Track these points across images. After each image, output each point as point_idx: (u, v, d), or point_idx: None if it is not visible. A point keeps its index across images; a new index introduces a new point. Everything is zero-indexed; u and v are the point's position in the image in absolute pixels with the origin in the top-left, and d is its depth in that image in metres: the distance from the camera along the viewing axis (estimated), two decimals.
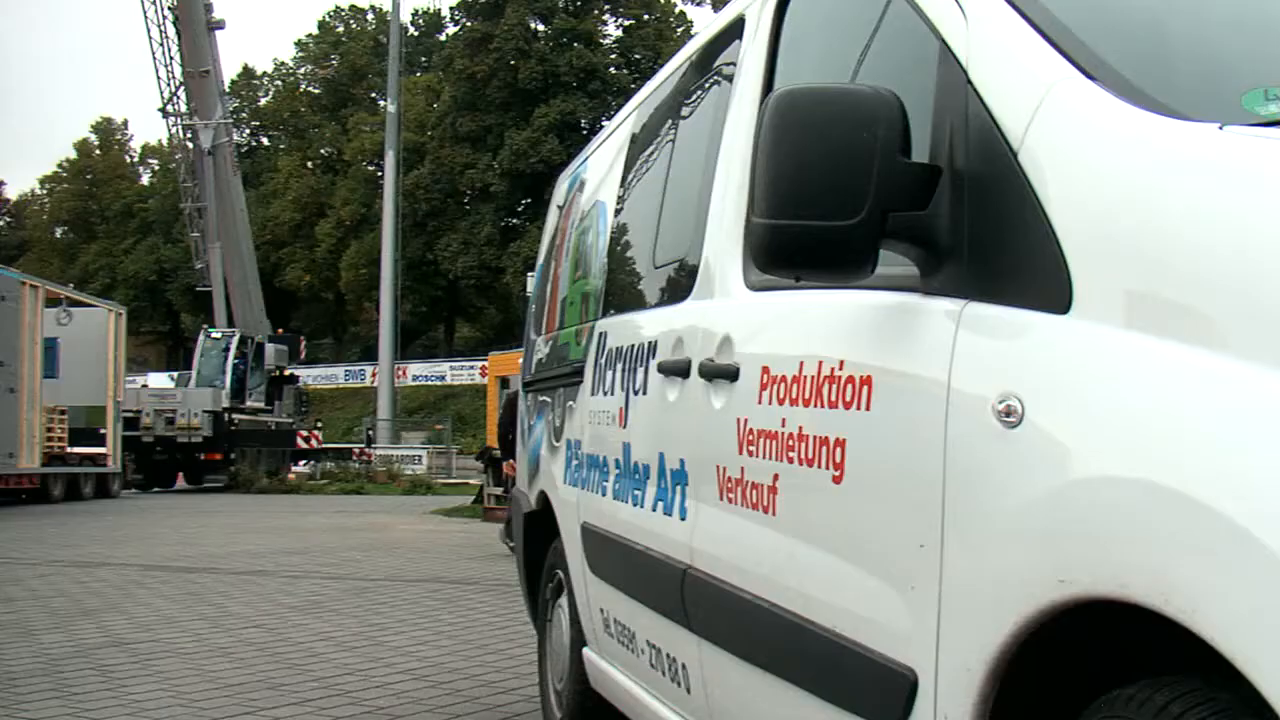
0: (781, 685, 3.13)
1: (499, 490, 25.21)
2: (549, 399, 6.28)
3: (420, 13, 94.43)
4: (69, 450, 33.57)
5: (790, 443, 3.07)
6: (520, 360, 24.17)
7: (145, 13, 49.66)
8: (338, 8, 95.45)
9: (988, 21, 2.67)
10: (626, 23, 80.00)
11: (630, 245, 5.25)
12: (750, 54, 3.94)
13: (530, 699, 7.27)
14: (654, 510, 4.20)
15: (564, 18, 75.79)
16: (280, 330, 53.32)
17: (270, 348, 46.68)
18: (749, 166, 3.62)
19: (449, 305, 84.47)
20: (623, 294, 5.19)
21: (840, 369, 2.87)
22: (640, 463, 4.43)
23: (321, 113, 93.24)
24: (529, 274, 44.81)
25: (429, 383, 74.05)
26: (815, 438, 2.96)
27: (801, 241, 2.62)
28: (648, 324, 4.51)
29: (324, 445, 49.25)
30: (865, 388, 2.76)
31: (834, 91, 2.67)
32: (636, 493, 4.44)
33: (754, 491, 3.30)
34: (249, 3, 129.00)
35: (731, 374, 3.49)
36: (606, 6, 79.61)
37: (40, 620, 10.60)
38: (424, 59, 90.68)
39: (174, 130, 52.58)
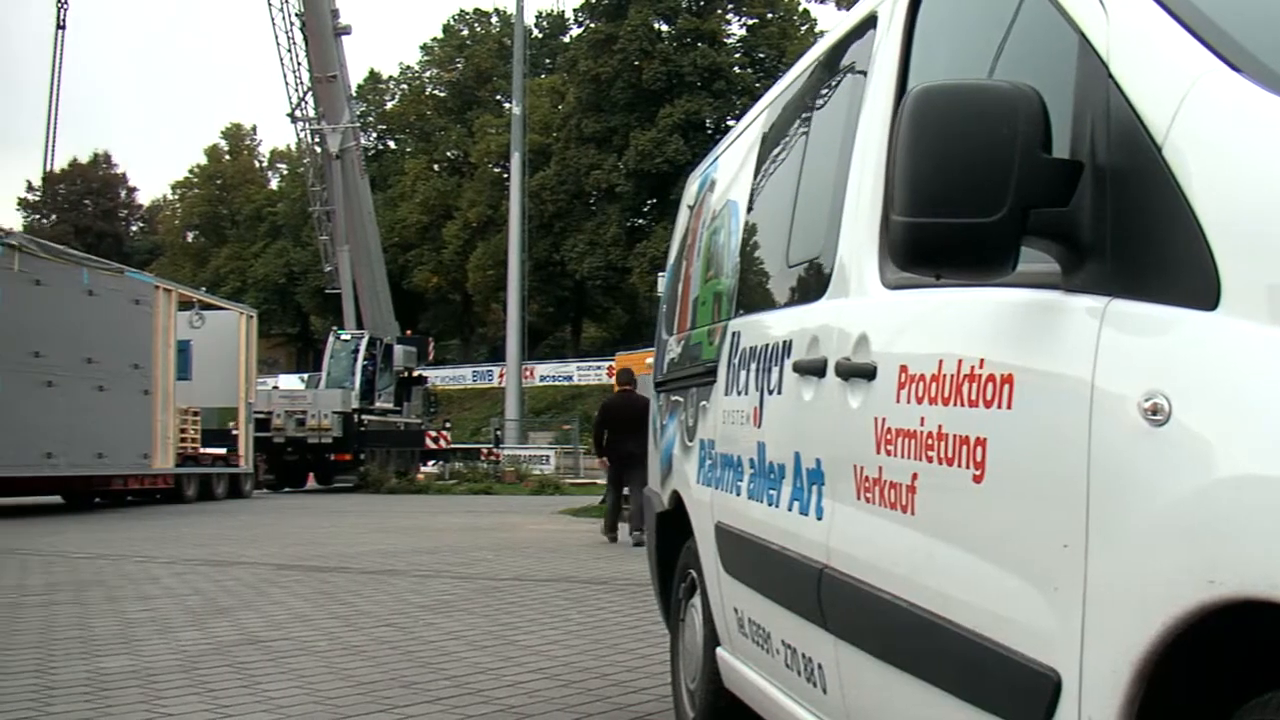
0: (920, 685, 3.11)
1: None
2: (681, 399, 6.28)
3: (544, 15, 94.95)
4: (202, 451, 34.11)
5: (929, 442, 3.05)
6: (647, 360, 24.00)
7: (273, 20, 50.34)
8: (462, 11, 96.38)
9: (1128, 14, 2.64)
10: (750, 21, 79.88)
11: (763, 244, 5.23)
12: (883, 50, 3.91)
13: (662, 698, 7.27)
14: (790, 510, 4.19)
15: (687, 18, 75.77)
16: (409, 332, 53.82)
17: (399, 349, 47.07)
18: (884, 164, 3.61)
19: (576, 306, 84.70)
20: (755, 293, 5.18)
21: (980, 367, 2.84)
22: (775, 462, 4.42)
23: (447, 116, 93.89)
24: (658, 274, 44.86)
25: (556, 383, 74.35)
26: (955, 437, 2.93)
27: (942, 239, 2.61)
28: (782, 323, 4.50)
29: (452, 446, 49.55)
30: (1006, 386, 2.74)
31: (973, 88, 2.65)
32: (772, 492, 4.43)
33: (892, 491, 3.28)
34: (375, 8, 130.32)
35: (869, 373, 3.48)
36: (730, 6, 79.52)
37: (177, 617, 10.75)
38: (548, 61, 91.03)
39: (302, 135, 53.20)
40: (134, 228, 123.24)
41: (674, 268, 7.20)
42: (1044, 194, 2.58)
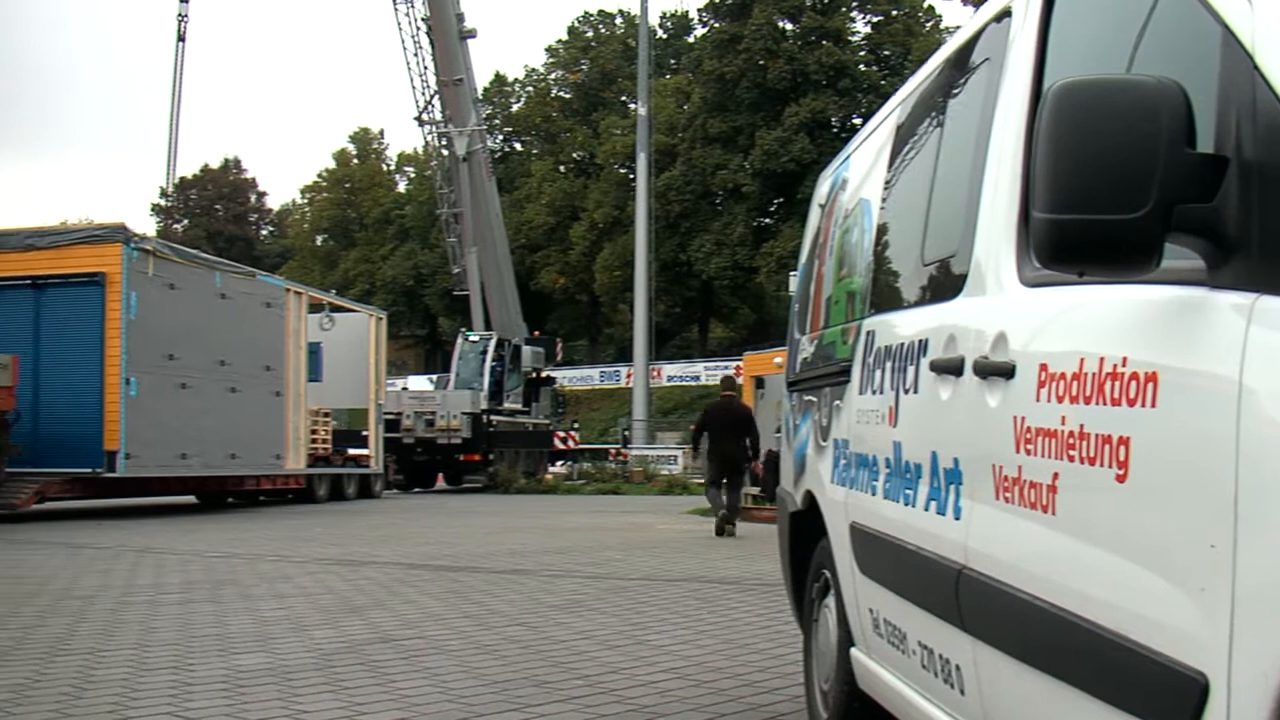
0: (1060, 687, 3.07)
1: (755, 490, 25.25)
2: (815, 398, 6.26)
3: (668, 15, 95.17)
4: (333, 452, 34.43)
5: (1070, 441, 3.02)
6: (775, 359, 24.06)
7: (400, 25, 50.78)
8: (587, 13, 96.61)
9: (1274, 4, 2.60)
10: (875, 19, 79.52)
11: (897, 243, 5.20)
12: (1018, 46, 3.88)
13: (795, 699, 7.25)
14: (926, 509, 4.16)
15: (812, 16, 75.53)
16: (537, 333, 54.05)
17: (527, 350, 47.33)
18: (1020, 160, 3.58)
19: (703, 306, 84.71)
20: (889, 292, 5.15)
21: (1123, 366, 2.81)
22: (912, 461, 4.39)
23: (573, 117, 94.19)
24: (788, 273, 44.75)
25: (684, 383, 74.39)
26: (1097, 436, 2.90)
27: (1085, 236, 2.59)
28: (917, 322, 4.47)
29: (580, 446, 49.74)
30: (1150, 385, 2.70)
31: (1115, 83, 2.62)
32: (908, 492, 4.41)
33: (1032, 490, 3.25)
34: (500, 11, 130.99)
35: (1007, 371, 3.45)
36: (855, 3, 79.25)
37: (310, 616, 10.86)
38: (673, 61, 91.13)
39: (429, 138, 53.65)
40: (264, 231, 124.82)
41: (806, 267, 7.18)
42: (1188, 190, 2.55)
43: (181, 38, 51.13)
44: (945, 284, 4.24)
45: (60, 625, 10.20)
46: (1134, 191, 2.52)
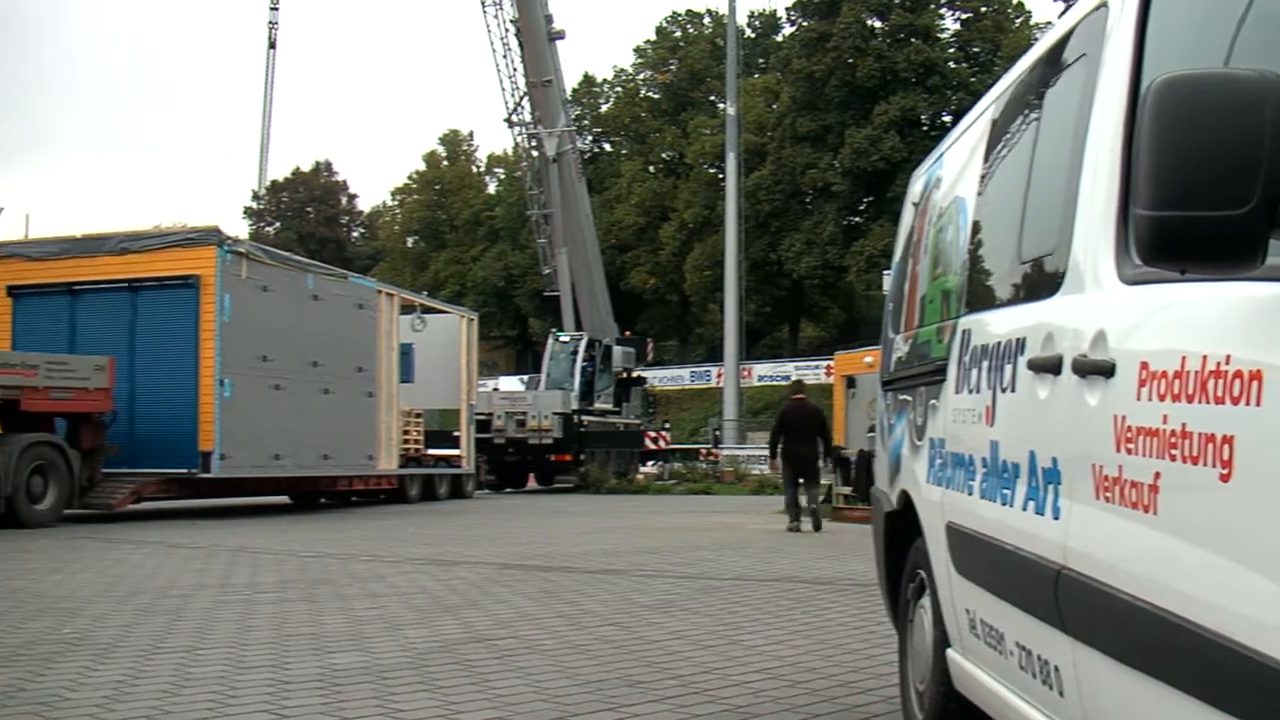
0: (1162, 689, 3.04)
1: (847, 490, 25.17)
2: (910, 398, 6.23)
3: (756, 14, 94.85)
4: (425, 452, 34.61)
5: (1172, 440, 2.99)
6: (865, 358, 24.09)
7: (488, 26, 51.01)
8: (675, 13, 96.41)
9: None
10: (964, 15, 78.97)
11: (992, 241, 5.17)
12: (1115, 40, 3.84)
13: (889, 699, 7.22)
14: (1024, 509, 4.13)
15: (900, 13, 75.08)
16: (627, 333, 54.15)
17: (617, 350, 47.39)
18: (1119, 156, 3.55)
19: (793, 305, 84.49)
20: (985, 290, 5.12)
21: (1226, 364, 2.77)
22: (1009, 461, 4.36)
23: (662, 117, 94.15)
24: (879, 272, 44.61)
25: (774, 383, 74.08)
26: (1200, 435, 2.86)
27: (1188, 233, 2.56)
28: (1014, 320, 4.44)
29: (671, 446, 49.75)
30: (1255, 383, 2.66)
31: (1218, 77, 2.59)
32: (1005, 491, 4.37)
33: (1133, 490, 3.22)
34: (588, 12, 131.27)
35: (1107, 370, 3.41)
36: (943, 1, 78.71)
37: (404, 615, 10.93)
38: (761, 60, 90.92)
39: (519, 139, 53.86)
40: (355, 234, 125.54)
41: (899, 266, 7.15)
42: None
43: (272, 44, 51.89)
44: (1042, 282, 4.20)
45: (158, 623, 10.33)
46: (1238, 187, 2.49)
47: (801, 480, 22.26)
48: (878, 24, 76.49)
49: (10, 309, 26.64)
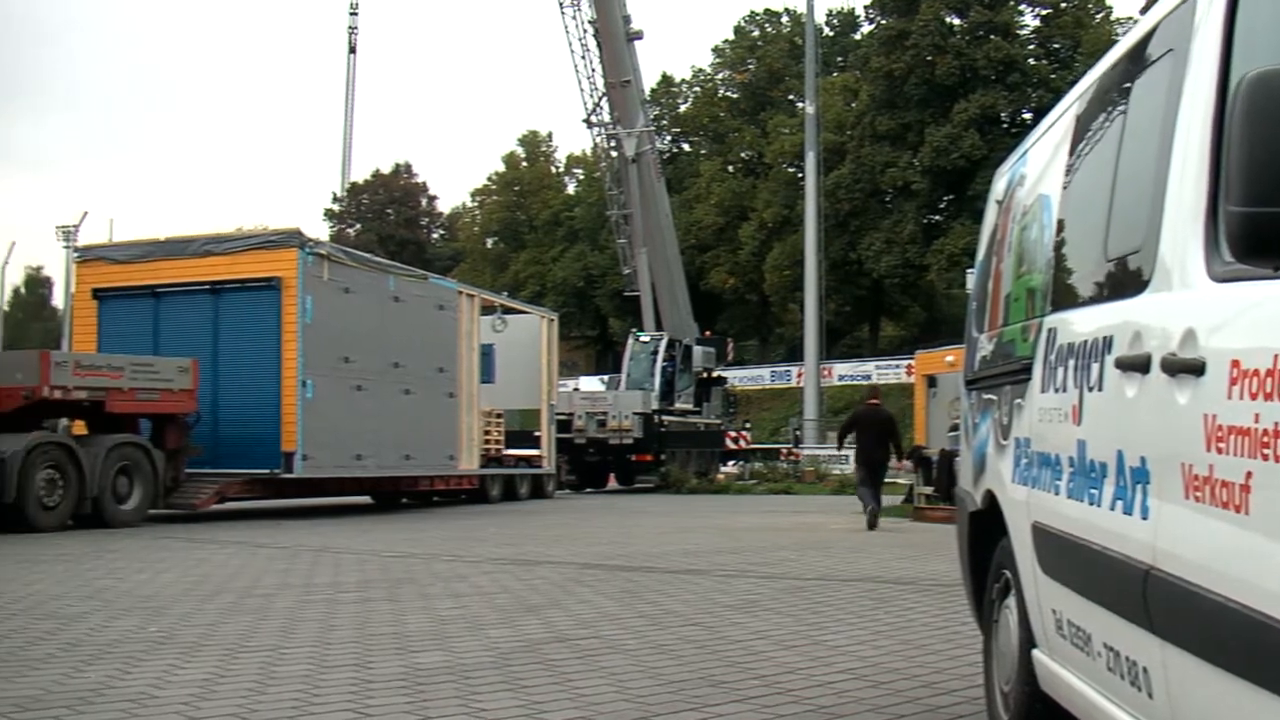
0: (1253, 691, 3.00)
1: (928, 490, 25.07)
2: (995, 397, 6.19)
3: (835, 13, 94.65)
4: (506, 452, 34.71)
5: (1265, 439, 2.95)
6: (946, 357, 23.97)
7: (567, 27, 51.16)
8: (753, 12, 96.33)
9: None
10: (1044, 11, 78.53)
11: (1078, 238, 5.12)
12: (1203, 35, 3.79)
13: (974, 701, 7.17)
14: (1112, 509, 4.09)
15: (980, 10, 74.67)
16: (708, 333, 54.11)
17: (698, 350, 47.35)
18: (1207, 153, 3.51)
19: (873, 304, 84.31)
20: (1071, 288, 5.08)
21: None
22: (1096, 460, 4.32)
23: (740, 117, 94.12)
24: (960, 271, 44.42)
25: (854, 382, 73.85)
26: None
27: None
28: (1101, 318, 4.39)
29: (752, 446, 49.67)
30: None
31: None
32: (1093, 491, 4.34)
33: (1224, 490, 3.18)
34: (666, 13, 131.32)
35: (1197, 368, 3.37)
36: None
37: (487, 615, 10.95)
38: (840, 59, 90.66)
39: (598, 140, 54.01)
40: (434, 235, 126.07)
41: (983, 264, 7.10)
42: None
43: (352, 49, 52.20)
44: (1129, 279, 4.16)
45: (243, 622, 10.41)
46: None
47: (872, 480, 23.21)
48: (957, 21, 76.15)
49: (96, 312, 26.91)
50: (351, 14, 51.36)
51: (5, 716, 6.85)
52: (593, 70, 51.17)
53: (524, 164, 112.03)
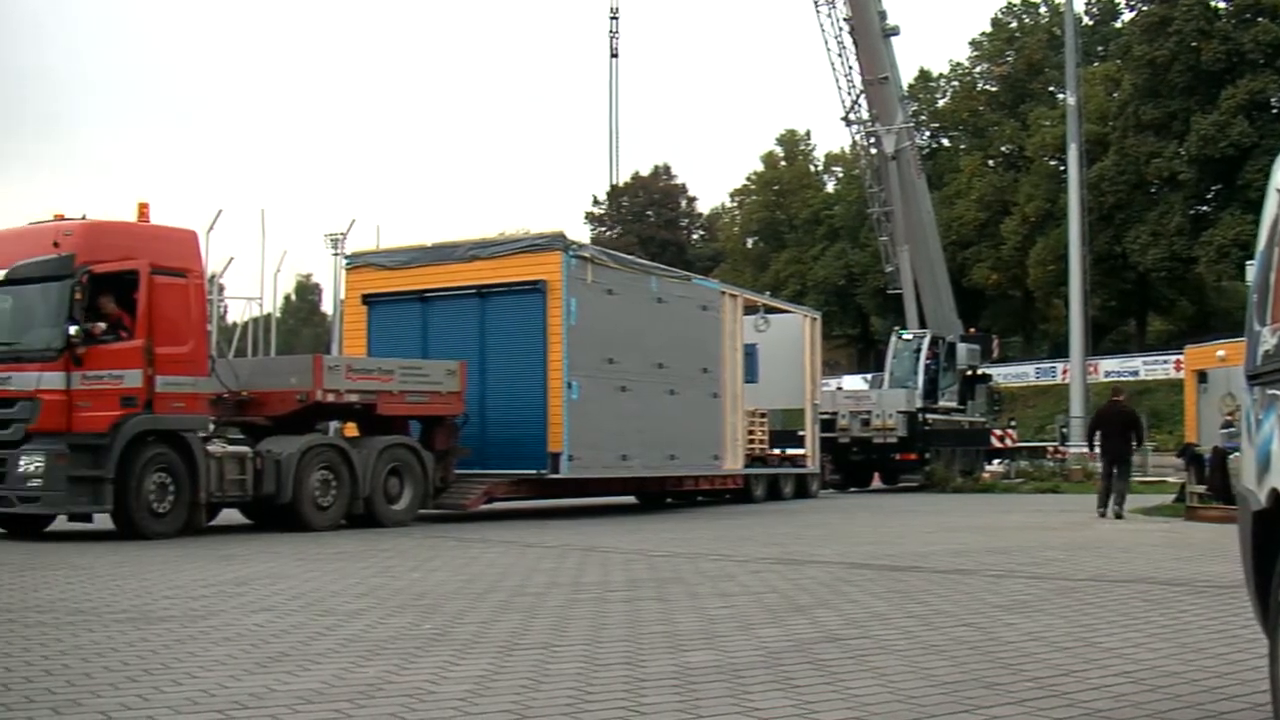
0: None
1: (1201, 489, 24.47)
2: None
3: (1094, 1, 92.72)
4: (770, 452, 34.75)
5: None
6: (1217, 352, 23.52)
7: (822, 26, 50.97)
8: (1010, 4, 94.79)
9: None
10: None
11: None
12: None
13: (1259, 707, 6.99)
14: None
15: None
16: (971, 330, 53.52)
17: (962, 347, 46.94)
18: None
19: (1139, 299, 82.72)
20: None
21: None
22: None
23: (1000, 110, 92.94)
24: (1230, 263, 43.34)
25: (1122, 378, 72.37)
26: None
27: None
28: None
29: (1017, 444, 49.04)
30: None
31: None
32: None
33: None
34: (922, 7, 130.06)
35: None
36: None
37: (756, 614, 10.97)
38: (1100, 48, 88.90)
39: (857, 138, 53.89)
40: (694, 236, 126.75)
41: (1264, 255, 6.88)
42: None
43: (614, 54, 52.68)
44: None
45: (514, 621, 10.58)
46: None
47: (1115, 471, 25.15)
48: (1221, 4, 74.11)
49: (365, 317, 27.56)
50: (612, 18, 51.88)
51: (289, 709, 7.09)
52: (849, 68, 50.92)
53: (782, 163, 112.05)
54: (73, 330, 18.55)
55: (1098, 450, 26.17)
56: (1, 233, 20.47)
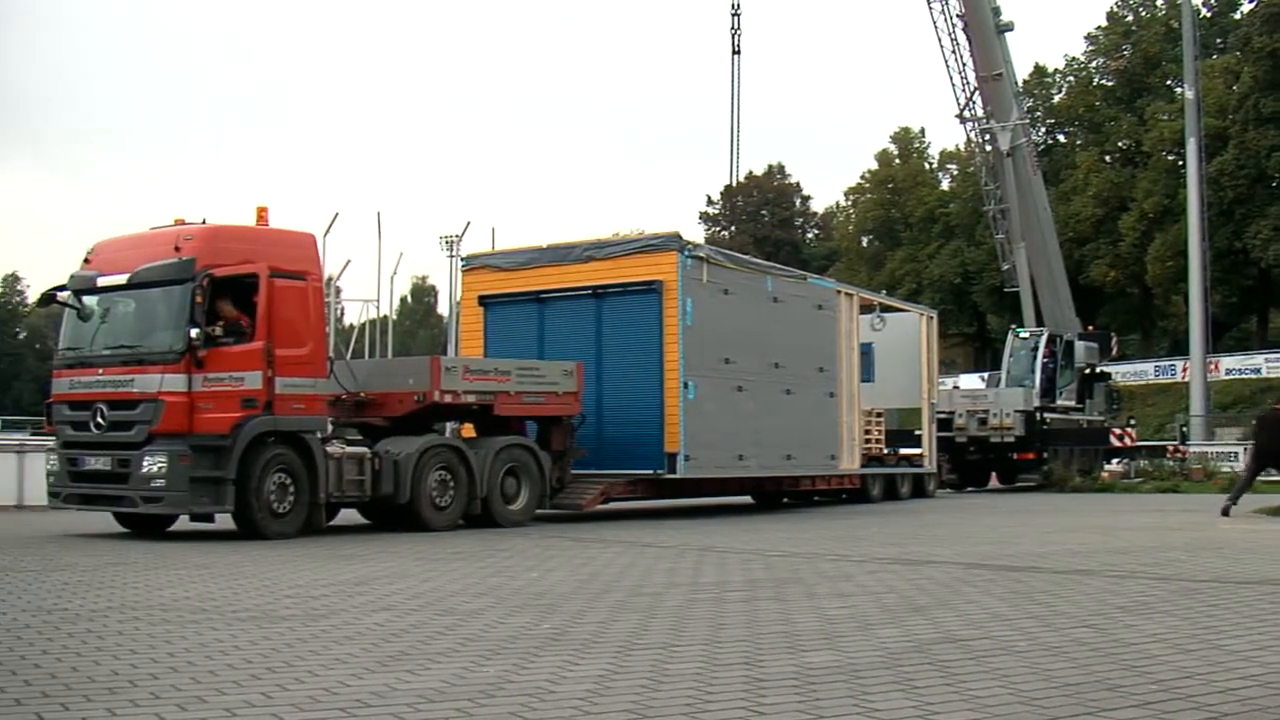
0: None
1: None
2: None
3: None
4: (886, 451, 34.61)
5: None
6: None
7: (935, 23, 50.75)
8: None
9: None
10: None
11: None
12: None
13: None
14: None
15: None
16: (1090, 327, 53.07)
17: (1080, 345, 46.60)
18: None
19: (1261, 295, 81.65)
20: None
21: None
22: None
23: (1116, 105, 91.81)
24: None
25: (1243, 376, 71.53)
26: None
27: None
28: None
29: (1137, 443, 48.57)
30: None
31: None
32: None
33: None
34: (1036, 2, 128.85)
35: None
36: None
37: (874, 615, 10.93)
38: (1219, 40, 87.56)
39: (972, 135, 53.64)
40: (809, 235, 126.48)
41: None
42: None
43: (736, 50, 52.67)
44: None
45: (633, 620, 10.61)
46: None
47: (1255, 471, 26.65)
48: None
49: (482, 318, 27.71)
50: (734, 15, 51.85)
51: (411, 707, 7.16)
52: (963, 64, 50.65)
53: (897, 161, 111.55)
54: (194, 333, 18.76)
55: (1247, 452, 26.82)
56: (123, 238, 20.74)
